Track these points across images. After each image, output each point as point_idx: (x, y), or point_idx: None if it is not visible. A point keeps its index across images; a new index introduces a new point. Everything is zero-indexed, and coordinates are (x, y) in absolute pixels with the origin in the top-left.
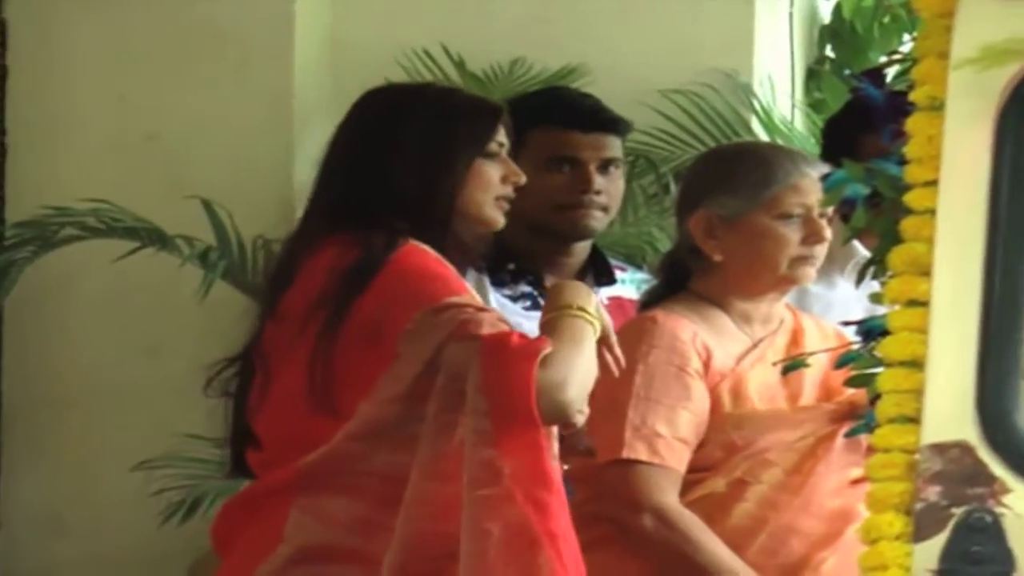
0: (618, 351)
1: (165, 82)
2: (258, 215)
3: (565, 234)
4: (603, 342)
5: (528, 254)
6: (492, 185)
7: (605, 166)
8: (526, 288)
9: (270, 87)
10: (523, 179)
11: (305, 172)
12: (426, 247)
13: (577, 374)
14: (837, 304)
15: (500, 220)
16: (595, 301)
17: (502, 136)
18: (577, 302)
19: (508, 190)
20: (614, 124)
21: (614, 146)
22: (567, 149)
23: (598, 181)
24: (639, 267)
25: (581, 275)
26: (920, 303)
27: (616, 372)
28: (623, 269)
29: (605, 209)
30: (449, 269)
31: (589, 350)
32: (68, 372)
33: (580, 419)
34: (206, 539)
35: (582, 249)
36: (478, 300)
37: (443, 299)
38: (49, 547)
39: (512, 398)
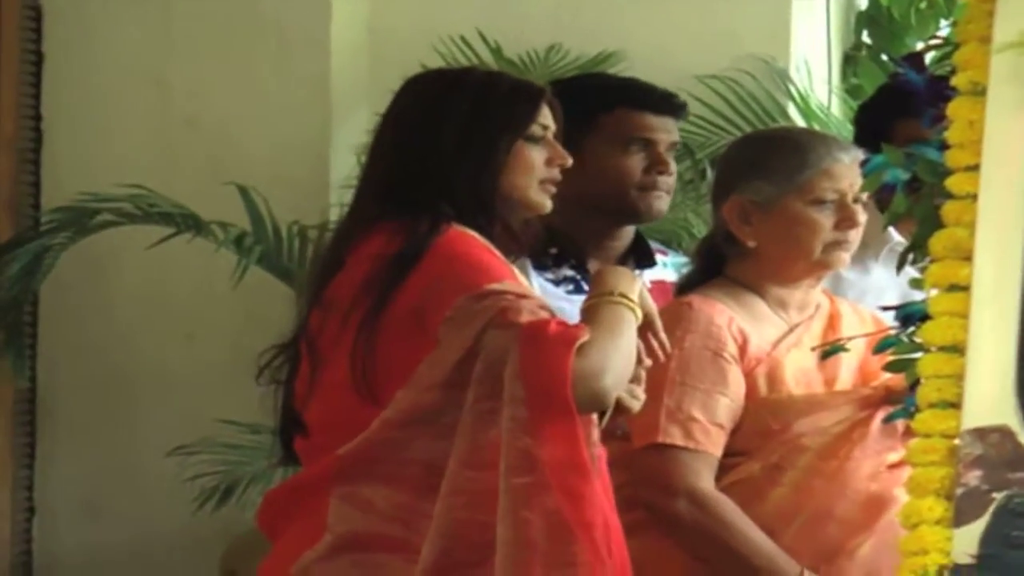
0: (663, 336)
1: (202, 68)
2: (294, 201)
3: (639, 215)
4: (648, 327)
5: (571, 237)
6: (535, 168)
7: (669, 150)
8: (569, 272)
9: (307, 74)
10: (569, 161)
11: (342, 158)
12: (471, 232)
13: (614, 362)
14: (872, 290)
15: (546, 204)
16: (639, 287)
17: (546, 119)
18: (619, 288)
19: (554, 173)
20: (681, 109)
21: (676, 130)
22: (643, 131)
23: (670, 164)
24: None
25: (623, 259)
26: (961, 288)
27: (662, 358)
28: (664, 253)
29: (670, 191)
30: (493, 255)
31: (628, 337)
32: (104, 357)
33: (636, 404)
34: (240, 525)
35: (628, 233)
36: (522, 286)
37: (484, 286)
38: (85, 532)
39: (548, 386)
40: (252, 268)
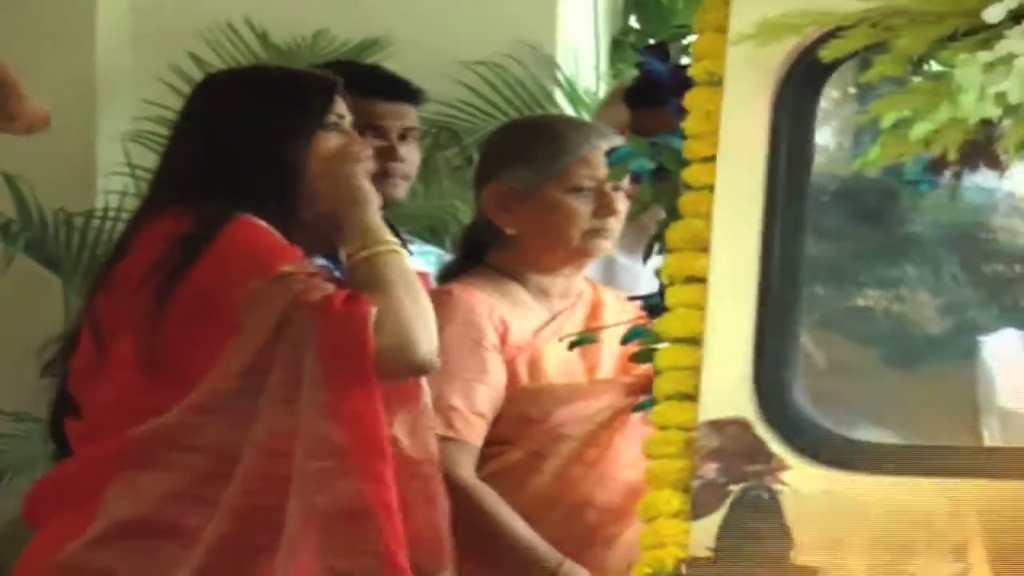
0: None
1: None
2: (59, 188)
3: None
4: None
5: (322, 227)
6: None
7: (404, 135)
8: (322, 261)
9: (72, 60)
10: (368, 151)
11: (107, 145)
12: (260, 221)
13: (420, 325)
14: (645, 276)
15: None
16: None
17: (342, 108)
18: (381, 234)
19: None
20: (414, 94)
21: (412, 116)
22: (371, 118)
23: (401, 150)
24: (434, 241)
25: None
26: (698, 279)
27: None
28: (410, 242)
29: (407, 178)
30: (280, 240)
31: (418, 288)
32: None
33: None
34: (6, 513)
35: None
36: (311, 265)
37: (278, 267)
38: None
39: (348, 367)
40: (18, 256)
